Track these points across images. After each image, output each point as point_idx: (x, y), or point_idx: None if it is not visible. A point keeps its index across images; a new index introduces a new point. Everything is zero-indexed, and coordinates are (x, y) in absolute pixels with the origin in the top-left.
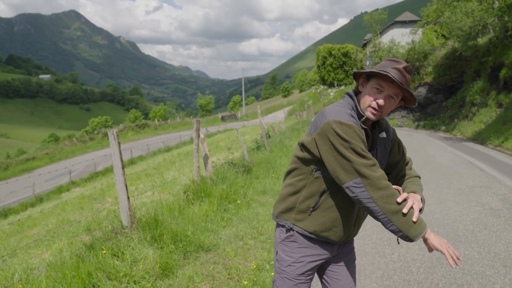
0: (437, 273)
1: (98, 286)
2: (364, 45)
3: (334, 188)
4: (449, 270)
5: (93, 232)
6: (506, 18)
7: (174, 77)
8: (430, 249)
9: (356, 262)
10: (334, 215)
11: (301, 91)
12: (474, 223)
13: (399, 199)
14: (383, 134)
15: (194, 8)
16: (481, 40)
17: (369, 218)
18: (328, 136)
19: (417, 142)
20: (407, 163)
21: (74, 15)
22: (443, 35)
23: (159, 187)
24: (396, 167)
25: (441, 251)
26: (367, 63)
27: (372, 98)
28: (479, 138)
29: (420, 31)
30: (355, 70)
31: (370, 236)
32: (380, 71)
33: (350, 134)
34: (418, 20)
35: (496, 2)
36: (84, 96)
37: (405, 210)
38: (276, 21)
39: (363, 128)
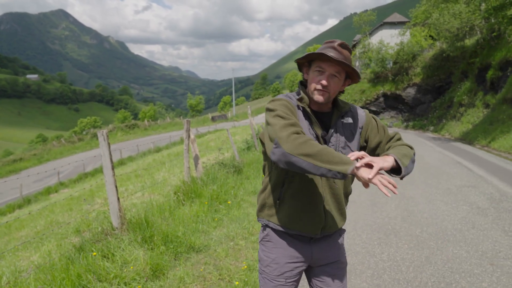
0: (426, 272)
1: None
2: (354, 46)
3: (291, 175)
4: (438, 269)
5: (83, 233)
6: (492, 20)
7: (163, 77)
8: (365, 184)
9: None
10: (298, 203)
11: (291, 91)
12: (462, 222)
13: (352, 157)
14: (349, 120)
15: (183, 8)
16: (468, 42)
17: (359, 218)
18: (265, 117)
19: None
20: (391, 138)
21: (62, 14)
22: (431, 36)
23: (149, 188)
24: (380, 146)
25: (372, 182)
26: (357, 63)
27: (316, 81)
28: (467, 138)
29: (408, 32)
30: (297, 59)
31: (360, 236)
32: (315, 52)
33: (277, 105)
34: (406, 21)
35: (483, 4)
36: (73, 96)
37: (358, 164)
38: (265, 21)
39: (301, 106)
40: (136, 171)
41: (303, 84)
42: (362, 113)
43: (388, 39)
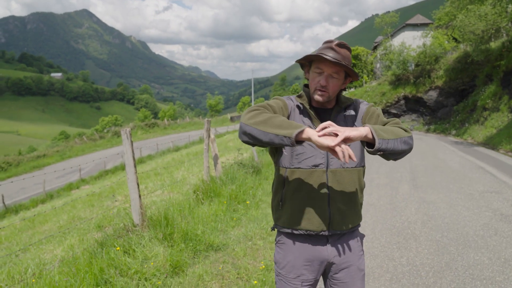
0: (446, 277)
1: (110, 282)
2: (375, 48)
3: (290, 172)
4: (458, 275)
5: (104, 229)
6: None
7: (183, 77)
8: (331, 151)
9: (364, 265)
10: (299, 202)
11: None
12: (485, 228)
13: (317, 128)
14: (351, 112)
15: (203, 9)
16: (494, 44)
17: (378, 221)
18: None
19: (427, 146)
20: (387, 123)
21: (86, 14)
22: (454, 39)
23: (168, 186)
24: None
25: (334, 149)
26: (378, 65)
27: (315, 82)
28: (490, 143)
29: (431, 34)
30: (297, 60)
31: (379, 239)
32: (313, 54)
33: (267, 101)
34: (429, 23)
35: (510, 6)
36: (95, 94)
37: (321, 133)
38: (285, 22)
39: (300, 103)
40: (155, 169)
41: (307, 86)
42: (364, 106)
43: (410, 41)
